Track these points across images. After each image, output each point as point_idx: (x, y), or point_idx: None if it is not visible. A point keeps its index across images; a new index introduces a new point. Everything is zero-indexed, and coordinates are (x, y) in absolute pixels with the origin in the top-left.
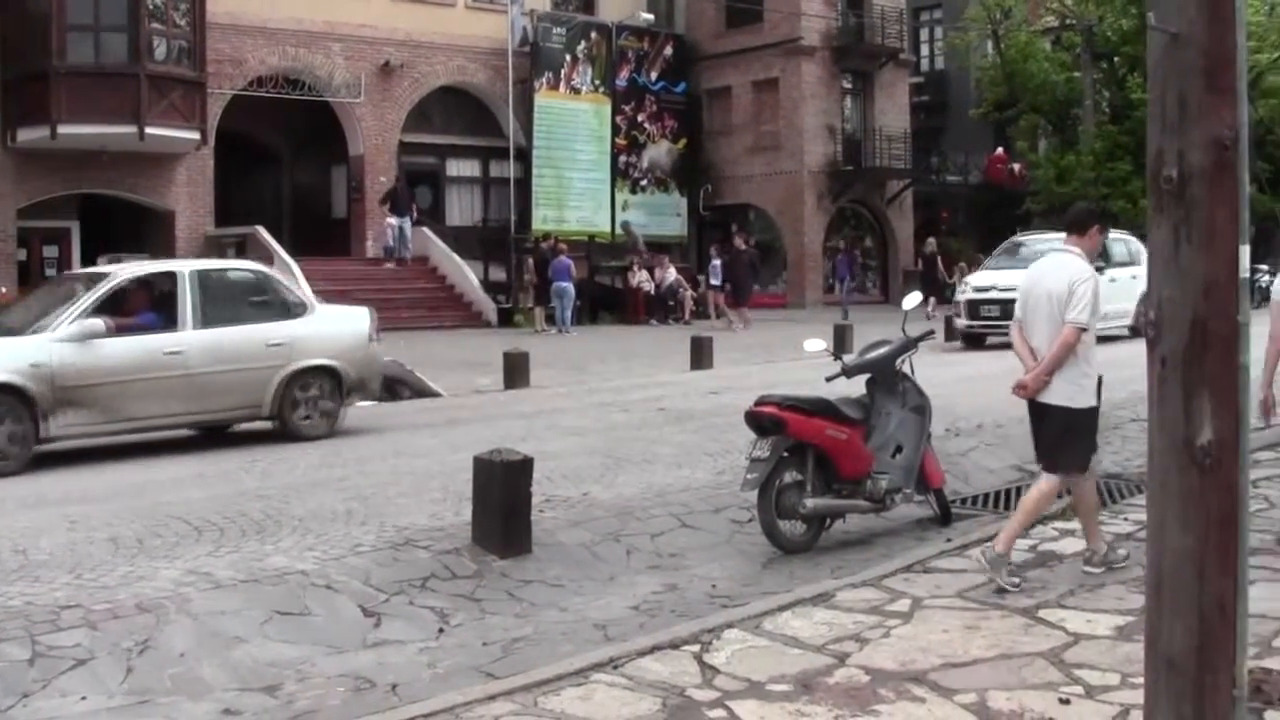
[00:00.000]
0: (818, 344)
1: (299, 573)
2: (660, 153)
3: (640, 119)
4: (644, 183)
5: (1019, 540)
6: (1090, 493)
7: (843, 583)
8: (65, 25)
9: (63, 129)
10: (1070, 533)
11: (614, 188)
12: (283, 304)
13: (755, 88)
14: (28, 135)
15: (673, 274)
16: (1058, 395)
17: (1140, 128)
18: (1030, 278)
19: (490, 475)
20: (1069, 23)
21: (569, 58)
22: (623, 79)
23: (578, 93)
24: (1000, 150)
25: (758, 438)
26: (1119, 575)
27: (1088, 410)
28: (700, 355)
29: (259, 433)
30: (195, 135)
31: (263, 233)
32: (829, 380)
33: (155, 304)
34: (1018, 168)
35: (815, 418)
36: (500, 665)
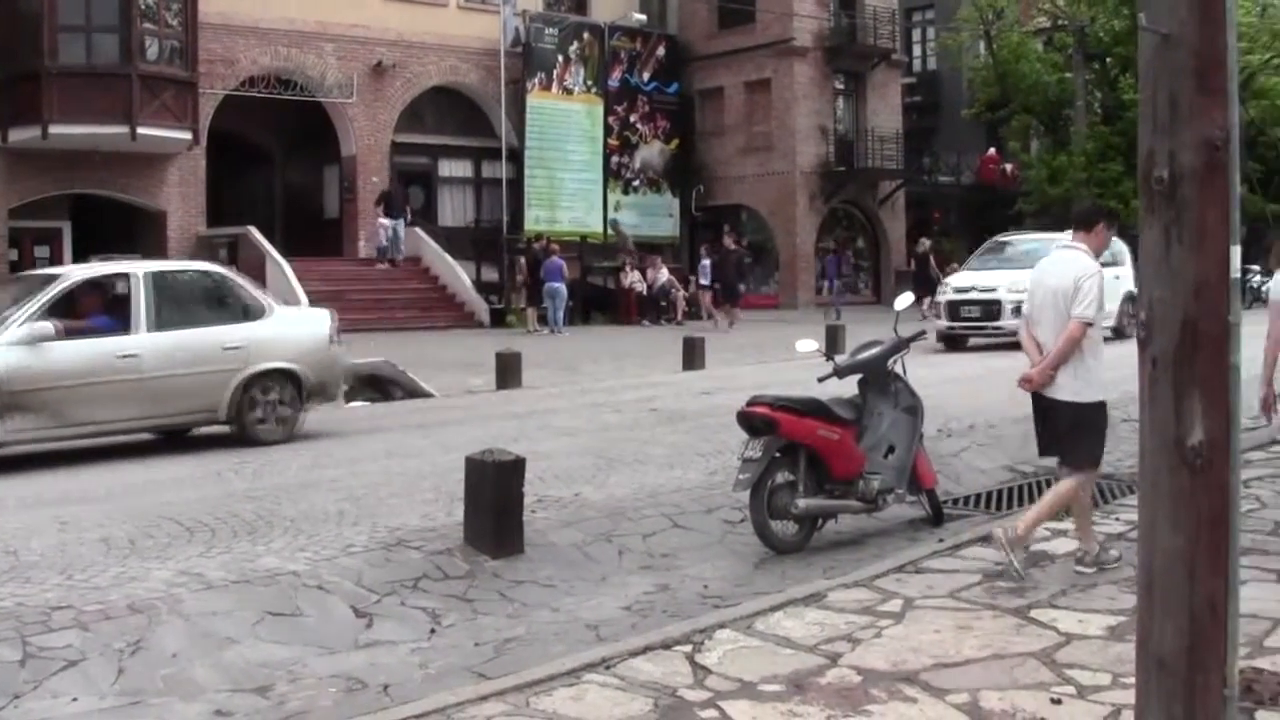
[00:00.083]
0: (810, 344)
1: (291, 573)
2: (652, 153)
3: (632, 119)
4: (636, 183)
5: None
6: (1084, 493)
7: (835, 583)
8: (57, 25)
9: (54, 129)
10: (1062, 533)
11: (606, 188)
12: (240, 306)
13: (747, 88)
14: (19, 135)
15: (665, 274)
16: (1064, 390)
17: (1132, 128)
18: (1037, 274)
19: (482, 475)
20: (1061, 23)
21: (561, 58)
22: (615, 79)
23: (570, 93)
24: (992, 151)
25: (750, 438)
26: (1111, 575)
27: (1095, 405)
28: (692, 356)
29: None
30: (187, 135)
31: (255, 233)
32: (821, 381)
33: (108, 306)
34: (1010, 168)
35: (807, 418)
36: (492, 665)
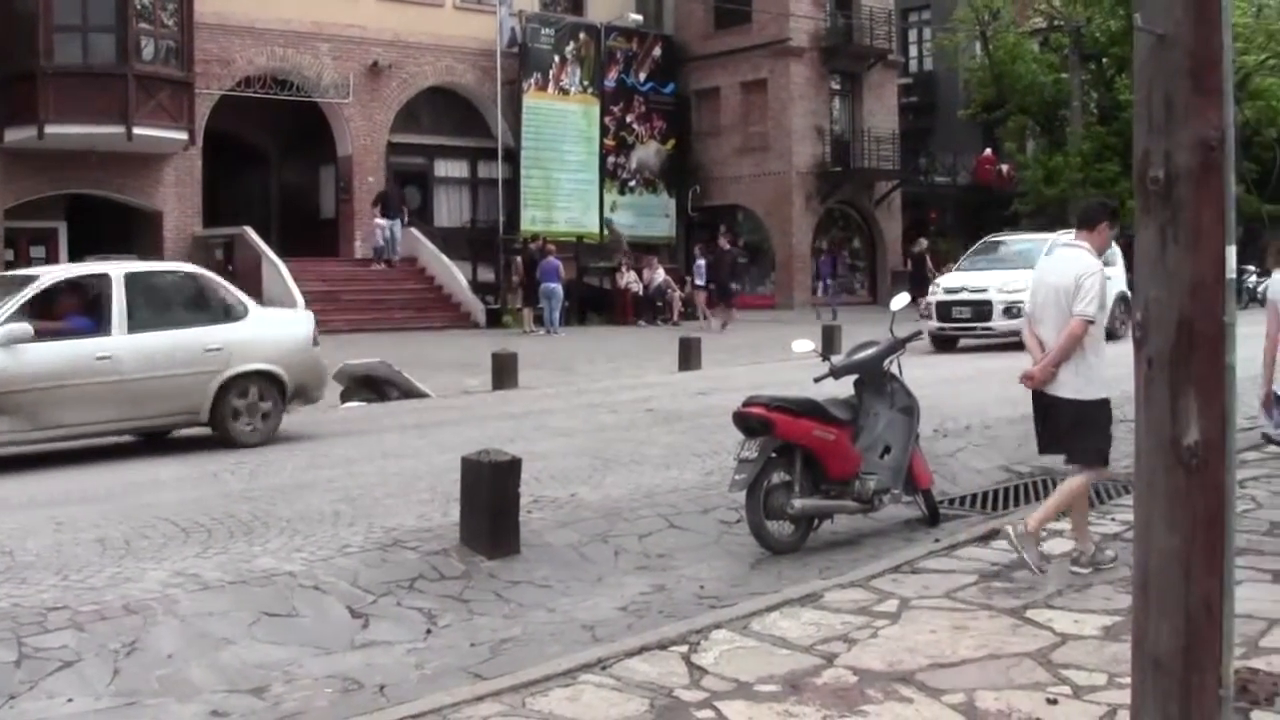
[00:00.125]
0: (806, 345)
1: (287, 574)
2: (649, 153)
3: (629, 120)
4: (632, 184)
5: (1003, 543)
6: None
7: (831, 583)
8: (53, 25)
9: (50, 129)
10: (1058, 533)
11: (602, 188)
12: (220, 307)
13: (744, 89)
14: (15, 135)
15: (661, 275)
16: (1066, 388)
17: (1128, 129)
18: (1039, 272)
19: (478, 476)
20: (1057, 24)
21: (557, 58)
22: (611, 80)
23: (566, 93)
24: (988, 151)
25: (746, 438)
26: (1106, 575)
27: (1098, 402)
28: (688, 356)
29: None
30: (183, 135)
31: (251, 233)
32: (817, 381)
33: (86, 307)
34: (1006, 169)
35: (803, 418)
36: (488, 666)
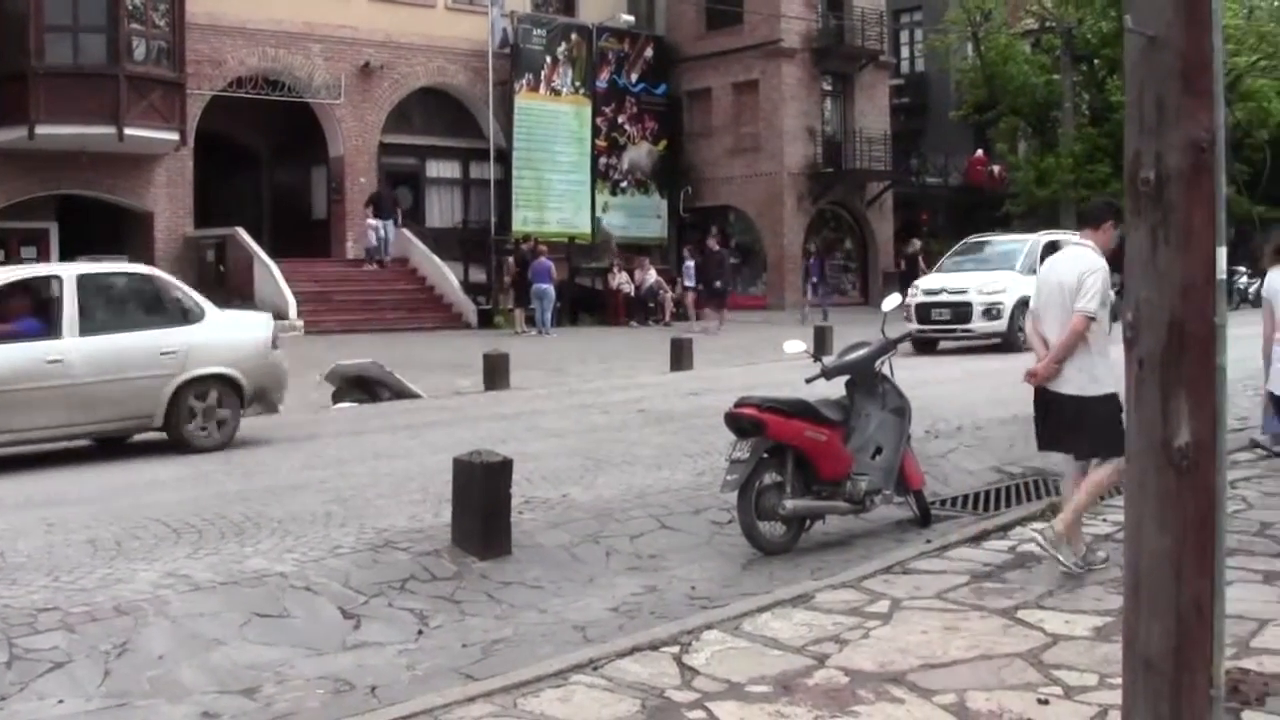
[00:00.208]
0: (797, 345)
1: (278, 575)
2: (640, 154)
3: (620, 120)
4: (624, 184)
5: (1001, 542)
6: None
7: (822, 584)
8: (44, 25)
9: (41, 129)
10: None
11: (594, 189)
12: (177, 309)
13: (735, 89)
14: (5, 136)
15: (653, 276)
16: (1069, 384)
17: (1120, 130)
18: (1044, 271)
19: (470, 477)
20: (1049, 25)
21: (549, 59)
22: (603, 80)
23: (558, 94)
24: (980, 152)
25: (737, 439)
26: (1098, 576)
27: (1103, 397)
28: (680, 357)
29: (240, 436)
30: (174, 136)
31: (242, 234)
32: (808, 382)
33: (36, 310)
34: (997, 170)
35: (794, 419)
36: (480, 667)
